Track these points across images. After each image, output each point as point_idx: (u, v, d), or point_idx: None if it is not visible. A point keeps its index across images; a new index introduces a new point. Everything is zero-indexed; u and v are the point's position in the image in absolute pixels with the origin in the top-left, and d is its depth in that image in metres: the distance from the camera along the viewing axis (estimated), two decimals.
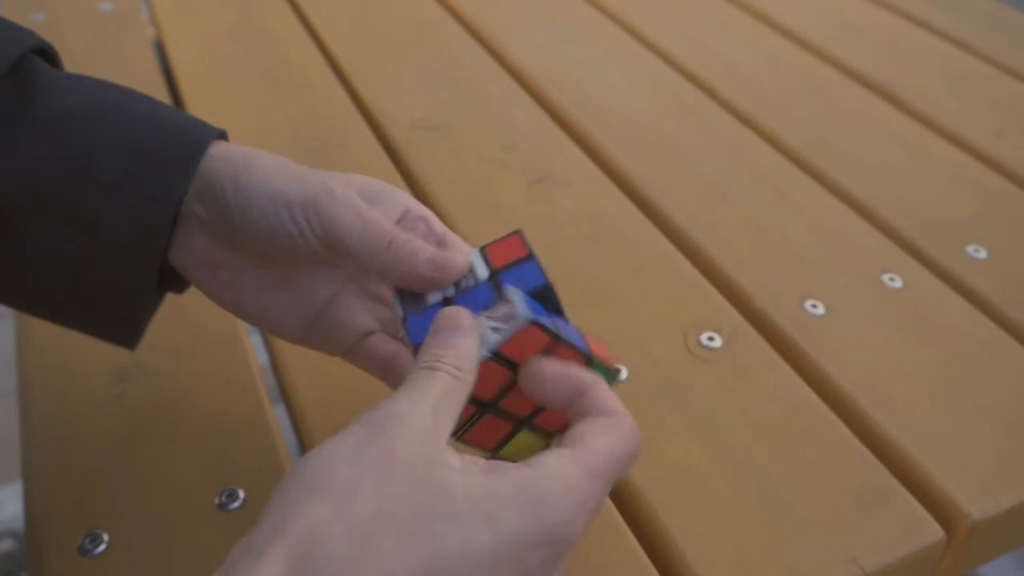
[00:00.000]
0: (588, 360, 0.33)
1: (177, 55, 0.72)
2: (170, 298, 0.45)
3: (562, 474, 0.28)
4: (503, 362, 0.31)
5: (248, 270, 0.36)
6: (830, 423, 0.43)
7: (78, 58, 0.71)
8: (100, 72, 0.69)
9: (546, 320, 0.31)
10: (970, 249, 0.55)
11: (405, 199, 0.37)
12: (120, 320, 0.36)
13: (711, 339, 0.47)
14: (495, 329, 0.31)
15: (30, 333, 0.47)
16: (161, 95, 0.67)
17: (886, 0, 0.88)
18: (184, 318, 0.47)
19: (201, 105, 0.65)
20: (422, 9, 0.82)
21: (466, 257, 0.34)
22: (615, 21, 0.81)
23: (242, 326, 0.48)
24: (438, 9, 0.82)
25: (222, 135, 0.37)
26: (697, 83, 0.72)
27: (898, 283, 0.52)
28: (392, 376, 0.37)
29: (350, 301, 0.38)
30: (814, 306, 0.50)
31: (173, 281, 0.38)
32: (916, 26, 0.83)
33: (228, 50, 0.73)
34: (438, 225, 0.37)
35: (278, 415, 0.43)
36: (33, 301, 0.36)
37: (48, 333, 0.46)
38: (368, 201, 0.35)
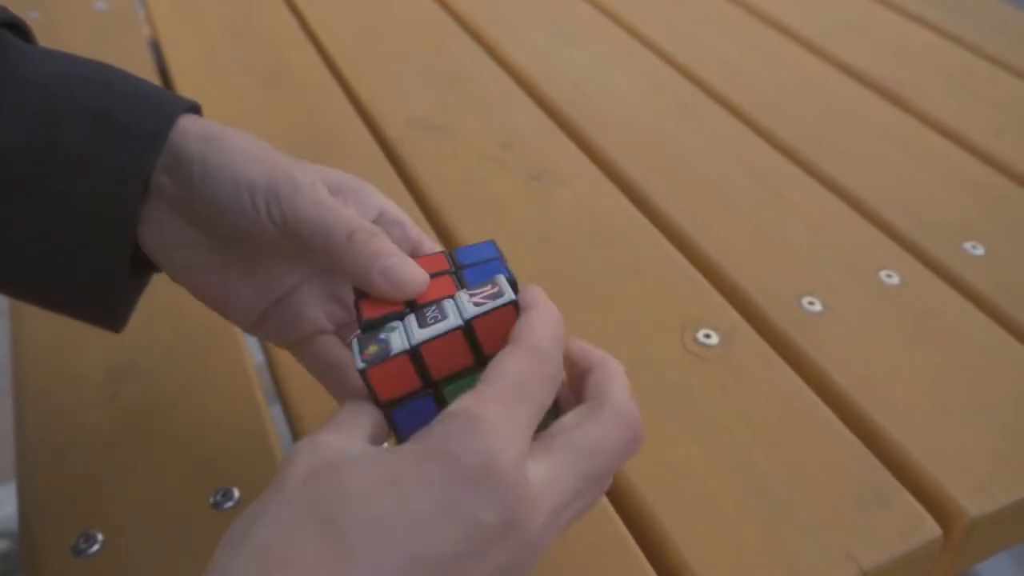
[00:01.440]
0: None
1: (173, 55, 0.72)
2: (164, 298, 0.45)
3: (464, 415, 0.26)
4: (470, 338, 0.30)
5: (211, 251, 0.35)
6: (827, 421, 0.43)
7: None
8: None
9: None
10: (967, 246, 0.55)
11: (383, 201, 0.36)
12: (98, 299, 0.35)
13: (708, 337, 0.47)
14: (477, 304, 0.30)
15: (24, 333, 0.47)
16: None
17: None
18: (179, 318, 0.47)
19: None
20: (420, 9, 0.81)
21: (426, 279, 0.32)
22: (614, 21, 0.81)
23: None
24: (436, 9, 0.82)
25: (194, 107, 0.36)
26: (695, 82, 0.72)
27: (895, 280, 0.52)
28: (333, 383, 0.36)
29: (310, 296, 0.37)
30: (811, 303, 0.50)
31: (148, 263, 0.37)
32: (915, 24, 0.83)
33: (225, 50, 0.73)
34: (413, 231, 0.36)
35: (274, 415, 0.43)
36: (10, 280, 0.35)
37: (43, 333, 0.46)
38: (341, 196, 0.34)
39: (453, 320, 0.29)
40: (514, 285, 0.32)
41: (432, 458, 0.25)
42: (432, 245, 0.36)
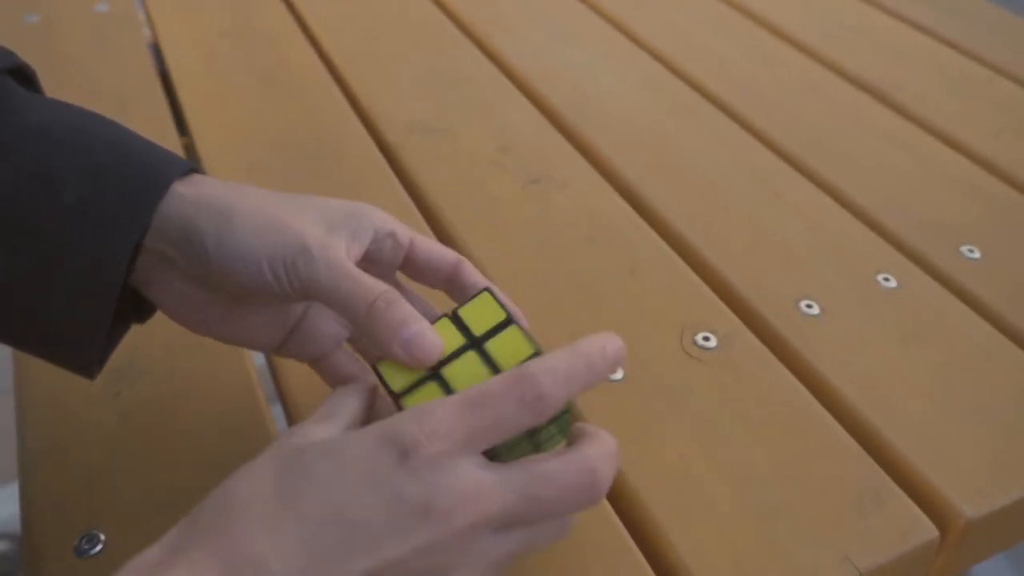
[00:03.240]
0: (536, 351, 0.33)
1: (173, 57, 0.72)
2: None
3: (418, 407, 0.29)
4: (459, 325, 0.34)
5: (225, 306, 0.36)
6: (824, 423, 0.43)
7: (74, 60, 0.71)
8: (96, 73, 0.69)
9: (507, 303, 0.35)
10: (964, 250, 0.55)
11: (374, 217, 0.37)
12: (74, 351, 0.36)
13: (706, 339, 0.47)
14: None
15: None
16: (157, 97, 0.67)
17: (882, 2, 0.88)
18: None
19: (197, 107, 0.65)
20: (419, 10, 0.82)
21: (441, 347, 0.33)
22: (612, 23, 0.81)
23: None
24: (435, 10, 0.82)
25: (192, 169, 0.36)
26: (694, 85, 0.72)
27: (892, 283, 0.52)
28: None
29: (319, 313, 0.38)
30: (809, 306, 0.50)
31: (137, 311, 0.38)
32: (912, 28, 0.83)
33: (224, 51, 0.73)
34: (404, 237, 0.37)
35: (274, 415, 0.43)
36: None
37: None
38: (338, 230, 0.35)
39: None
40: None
41: (373, 436, 0.29)
42: (424, 242, 0.37)
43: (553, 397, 0.29)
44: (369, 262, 0.37)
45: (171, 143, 0.62)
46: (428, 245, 0.38)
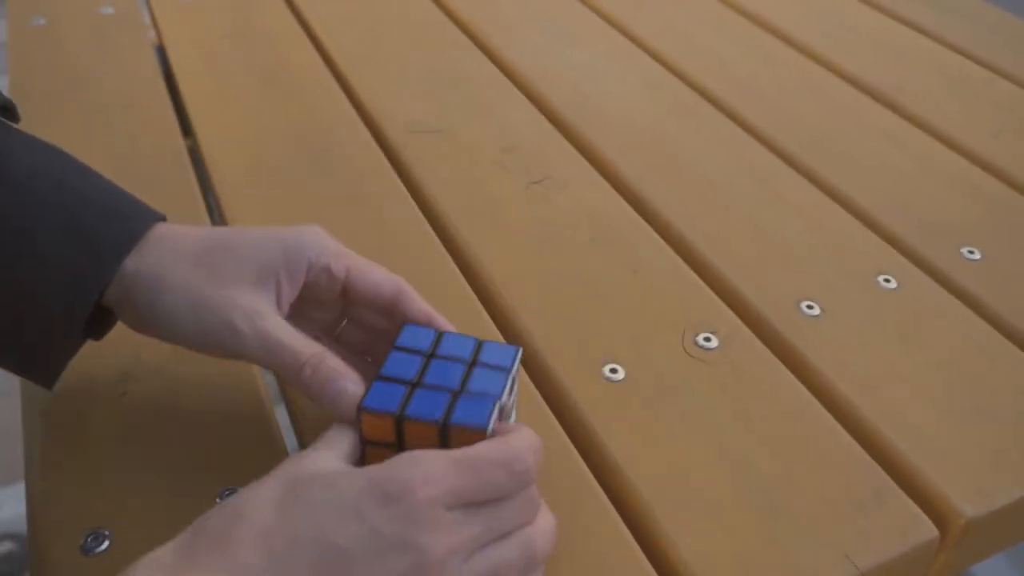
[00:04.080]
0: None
1: (177, 58, 0.72)
2: None
3: (414, 453, 0.32)
4: (442, 435, 0.35)
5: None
6: (826, 423, 0.44)
7: (80, 62, 0.71)
8: (102, 75, 0.69)
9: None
10: (964, 251, 0.55)
11: (311, 250, 0.38)
12: (40, 372, 0.40)
13: (707, 340, 0.48)
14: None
15: None
16: (162, 98, 0.67)
17: (881, 4, 0.89)
18: None
19: (201, 107, 0.66)
20: (420, 11, 0.82)
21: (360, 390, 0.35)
22: (613, 24, 0.82)
23: None
24: (436, 11, 0.82)
25: (159, 218, 0.39)
26: (694, 85, 0.73)
27: (893, 284, 0.52)
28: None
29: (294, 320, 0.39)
30: (810, 307, 0.50)
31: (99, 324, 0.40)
32: (912, 30, 0.84)
33: (227, 52, 0.73)
34: (340, 269, 0.38)
35: (279, 416, 0.43)
36: None
37: None
38: (269, 280, 0.37)
39: (438, 414, 0.34)
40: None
41: (367, 477, 0.31)
42: (362, 273, 0.39)
43: (533, 471, 0.33)
44: (310, 295, 0.39)
45: (175, 144, 0.62)
46: (366, 276, 0.39)
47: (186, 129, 0.65)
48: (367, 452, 0.36)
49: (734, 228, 0.56)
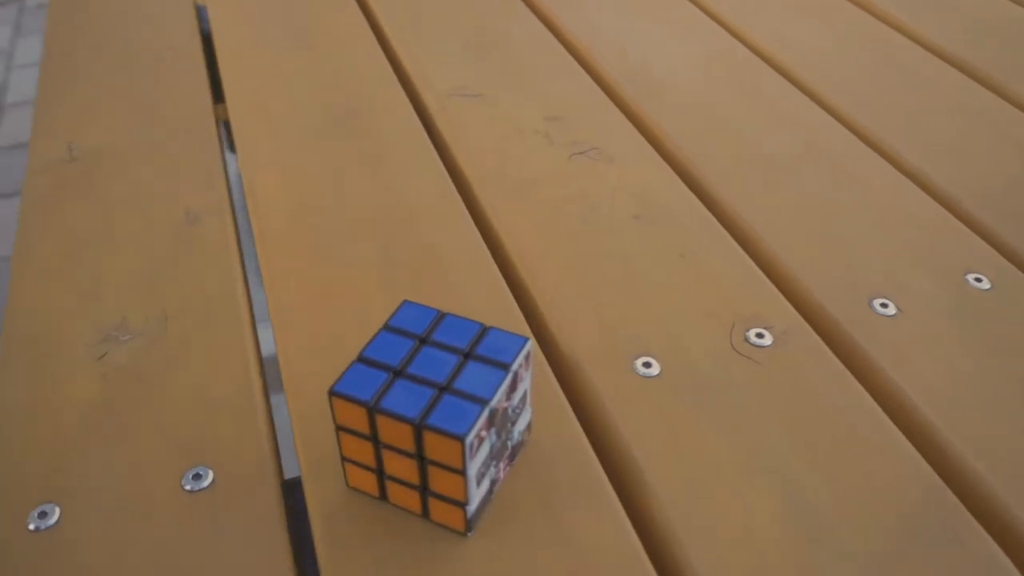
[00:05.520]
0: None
1: (217, 15, 0.69)
2: (161, 254, 0.42)
3: None
4: (417, 436, 0.30)
5: None
6: (894, 441, 0.37)
7: (117, 17, 0.68)
8: (138, 32, 0.66)
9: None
10: None
11: None
12: None
13: (760, 336, 0.42)
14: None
15: (21, 287, 0.44)
16: (196, 55, 0.64)
17: None
18: (175, 276, 0.43)
19: (236, 66, 0.62)
20: None
21: None
22: None
23: (240, 289, 0.44)
24: None
25: None
26: (766, 60, 0.66)
27: (984, 284, 0.45)
28: None
29: None
30: (884, 305, 0.44)
31: None
32: (1015, 3, 0.75)
33: (268, 11, 0.70)
34: None
35: (277, 404, 0.39)
36: None
37: (37, 286, 0.43)
38: None
39: (414, 412, 0.29)
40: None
41: None
42: None
43: None
44: None
45: (203, 105, 0.58)
46: None
47: (216, 84, 0.61)
48: (340, 437, 0.31)
49: (800, 214, 0.50)
